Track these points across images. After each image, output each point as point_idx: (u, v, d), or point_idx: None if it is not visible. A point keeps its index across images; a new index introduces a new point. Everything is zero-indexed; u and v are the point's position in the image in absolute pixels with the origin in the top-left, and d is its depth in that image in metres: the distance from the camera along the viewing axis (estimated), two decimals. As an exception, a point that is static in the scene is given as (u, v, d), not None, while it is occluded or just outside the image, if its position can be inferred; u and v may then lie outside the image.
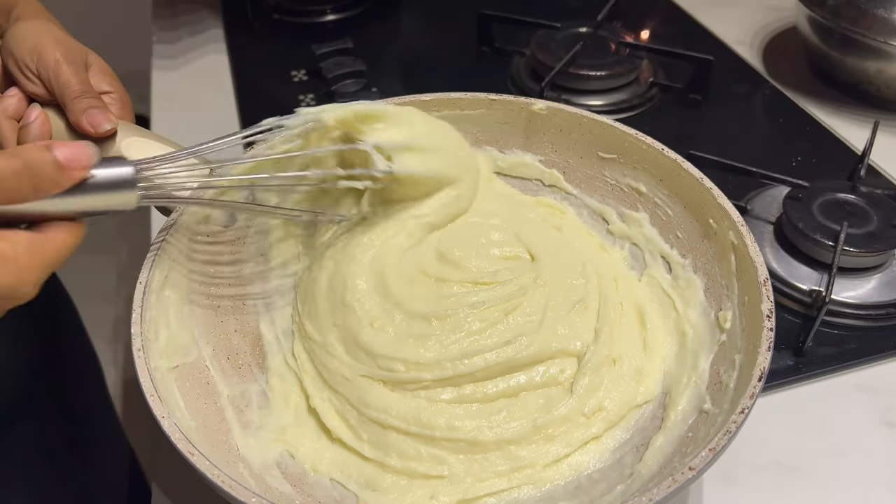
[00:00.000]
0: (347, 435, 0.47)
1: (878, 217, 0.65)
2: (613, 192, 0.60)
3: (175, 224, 0.51)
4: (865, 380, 0.59)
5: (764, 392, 0.57)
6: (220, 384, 0.49)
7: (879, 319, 0.62)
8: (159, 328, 0.48)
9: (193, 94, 0.94)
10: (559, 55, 0.87)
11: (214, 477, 0.39)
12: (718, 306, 0.51)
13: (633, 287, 0.56)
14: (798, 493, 0.52)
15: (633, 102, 0.88)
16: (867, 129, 0.77)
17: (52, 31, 0.53)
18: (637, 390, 0.49)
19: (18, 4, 0.55)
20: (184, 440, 0.40)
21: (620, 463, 0.46)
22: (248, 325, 0.54)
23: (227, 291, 0.55)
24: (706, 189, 0.53)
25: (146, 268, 0.49)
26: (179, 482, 0.54)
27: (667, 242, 0.56)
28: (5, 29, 0.54)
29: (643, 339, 0.52)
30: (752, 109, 0.89)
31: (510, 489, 0.45)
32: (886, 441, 0.55)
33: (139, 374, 0.43)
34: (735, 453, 0.53)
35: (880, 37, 0.81)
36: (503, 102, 0.61)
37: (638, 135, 0.57)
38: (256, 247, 0.58)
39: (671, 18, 1.07)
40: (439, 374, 0.48)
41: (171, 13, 1.09)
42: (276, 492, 0.44)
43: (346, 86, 0.89)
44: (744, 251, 0.49)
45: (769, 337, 0.43)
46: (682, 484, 0.38)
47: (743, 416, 0.40)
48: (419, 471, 0.45)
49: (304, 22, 1.06)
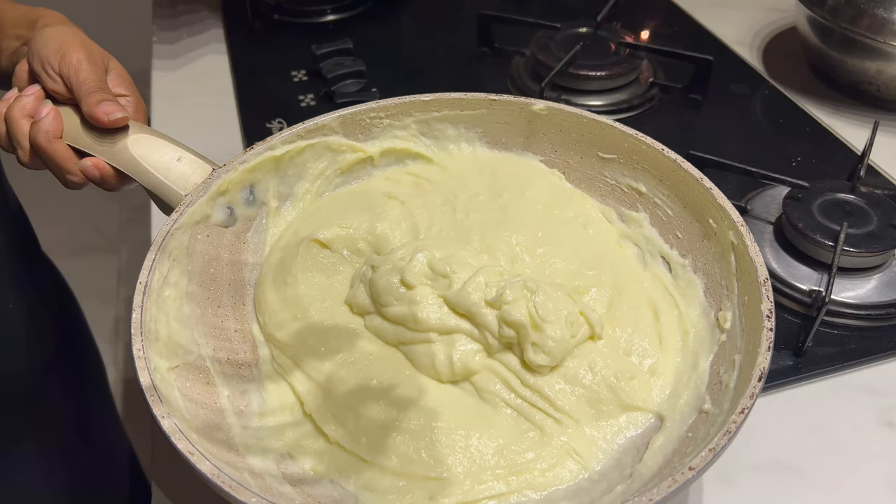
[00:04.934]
0: (345, 438, 0.47)
1: (877, 217, 0.65)
2: (613, 192, 0.60)
3: (175, 224, 0.51)
4: (865, 380, 0.59)
5: (764, 392, 0.57)
6: (220, 384, 0.49)
7: (879, 319, 0.62)
8: (159, 328, 0.48)
9: (193, 94, 0.94)
10: (559, 55, 0.87)
11: (214, 477, 0.39)
12: (718, 306, 0.51)
13: (645, 282, 0.56)
14: (798, 492, 0.52)
15: (633, 102, 0.88)
16: (867, 129, 0.77)
17: (77, 36, 0.56)
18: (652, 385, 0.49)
19: (43, 16, 0.58)
20: (184, 440, 0.40)
21: (620, 463, 0.46)
22: (247, 325, 0.54)
23: (226, 291, 0.55)
24: (706, 189, 0.53)
25: (146, 268, 0.49)
26: (179, 482, 0.54)
27: (667, 242, 0.56)
28: (31, 38, 0.56)
29: (658, 333, 0.52)
30: (752, 109, 0.89)
31: (509, 493, 0.45)
32: (886, 441, 0.55)
33: (139, 374, 0.43)
34: (735, 453, 0.53)
35: (880, 37, 0.81)
36: (503, 102, 0.61)
37: (638, 135, 0.57)
38: (256, 246, 0.58)
39: (671, 18, 1.07)
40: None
41: (171, 13, 1.09)
42: (276, 492, 0.44)
43: (346, 86, 0.90)
44: (743, 251, 0.49)
45: (769, 337, 0.43)
46: (682, 484, 0.38)
47: (743, 416, 0.40)
48: (418, 473, 0.45)
49: (304, 22, 1.06)
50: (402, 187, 0.62)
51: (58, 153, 0.53)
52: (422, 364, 0.50)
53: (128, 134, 0.54)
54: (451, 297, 0.50)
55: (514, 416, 0.48)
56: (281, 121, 0.85)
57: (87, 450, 0.76)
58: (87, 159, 0.53)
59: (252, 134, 0.84)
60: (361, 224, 0.58)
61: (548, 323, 0.48)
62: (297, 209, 0.61)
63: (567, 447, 0.46)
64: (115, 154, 0.53)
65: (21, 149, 0.54)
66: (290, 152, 0.59)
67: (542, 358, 0.48)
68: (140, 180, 0.54)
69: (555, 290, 0.50)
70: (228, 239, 0.56)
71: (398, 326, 0.51)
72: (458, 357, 0.49)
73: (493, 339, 0.49)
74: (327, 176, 0.62)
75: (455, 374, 0.49)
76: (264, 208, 0.59)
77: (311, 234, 0.57)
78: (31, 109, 0.54)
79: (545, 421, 0.48)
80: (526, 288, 0.49)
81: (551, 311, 0.49)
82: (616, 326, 0.52)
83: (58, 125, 0.54)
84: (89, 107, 0.52)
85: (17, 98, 0.54)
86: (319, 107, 0.89)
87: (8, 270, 0.65)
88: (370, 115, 0.62)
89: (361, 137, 0.62)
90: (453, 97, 0.62)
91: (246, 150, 0.57)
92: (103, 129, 0.53)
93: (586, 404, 0.48)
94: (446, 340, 0.50)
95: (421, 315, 0.50)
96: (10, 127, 0.54)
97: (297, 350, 0.52)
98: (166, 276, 0.50)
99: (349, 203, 0.61)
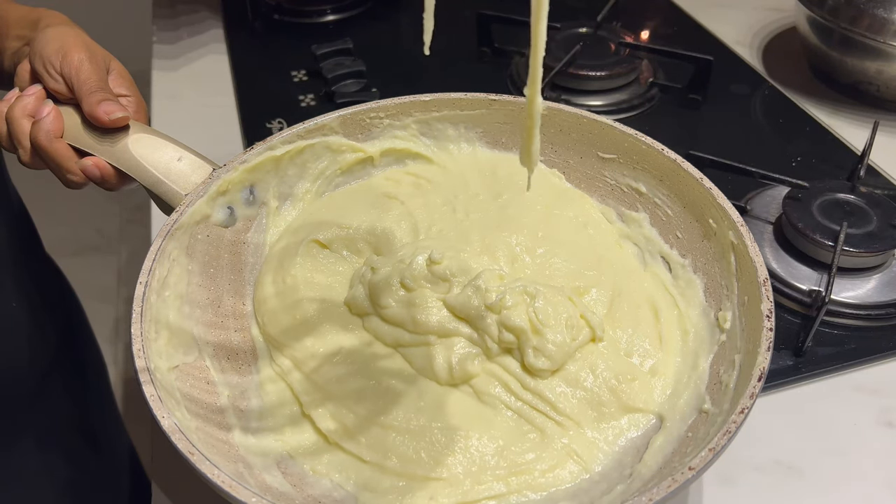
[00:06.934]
0: (345, 439, 0.47)
1: (877, 217, 0.65)
2: (613, 192, 0.60)
3: (175, 224, 0.51)
4: (865, 380, 0.59)
5: (764, 392, 0.57)
6: (220, 384, 0.49)
7: (879, 319, 0.62)
8: (159, 328, 0.48)
9: (193, 94, 0.94)
10: (559, 55, 0.87)
11: (214, 477, 0.39)
12: (718, 306, 0.51)
13: (645, 281, 0.56)
14: (797, 492, 0.52)
15: (632, 102, 0.88)
16: (867, 129, 0.77)
17: (79, 36, 0.56)
18: (653, 386, 0.49)
19: (45, 16, 0.58)
20: (184, 440, 0.40)
21: (621, 463, 0.46)
22: (247, 325, 0.54)
23: (226, 291, 0.55)
24: (706, 189, 0.53)
25: (146, 268, 0.49)
26: (179, 482, 0.54)
27: (666, 242, 0.56)
28: (32, 38, 0.56)
29: (658, 333, 0.52)
30: (751, 109, 0.89)
31: (509, 493, 0.45)
32: (886, 441, 0.55)
33: (139, 374, 0.43)
34: (735, 453, 0.53)
35: (880, 37, 0.81)
36: (503, 102, 0.61)
37: (638, 135, 0.57)
38: (256, 246, 0.58)
39: (671, 18, 1.07)
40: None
41: (171, 13, 1.09)
42: (276, 492, 0.44)
43: (346, 86, 0.90)
44: (743, 251, 0.49)
45: (769, 337, 0.43)
46: (681, 484, 0.38)
47: (743, 416, 0.40)
48: (418, 473, 0.45)
49: (304, 22, 1.06)
50: (402, 187, 0.62)
51: (59, 153, 0.53)
52: (420, 367, 0.50)
53: (128, 134, 0.54)
54: (452, 301, 0.50)
55: (515, 419, 0.48)
56: (281, 121, 0.85)
57: (87, 449, 0.76)
58: (87, 159, 0.53)
59: (252, 134, 0.84)
60: (361, 224, 0.58)
61: (548, 327, 0.48)
62: (297, 209, 0.61)
63: (568, 449, 0.46)
64: (116, 154, 0.54)
65: (22, 148, 0.54)
66: (290, 152, 0.59)
67: (542, 362, 0.48)
68: (140, 180, 0.54)
69: (555, 293, 0.50)
70: (228, 239, 0.56)
71: (397, 328, 0.51)
72: (457, 361, 0.49)
73: (492, 343, 0.49)
74: (327, 176, 0.62)
75: (454, 377, 0.49)
76: (264, 208, 0.59)
77: (310, 235, 0.57)
78: (32, 109, 0.54)
79: (546, 423, 0.47)
80: (526, 293, 0.49)
81: (551, 315, 0.49)
82: (617, 327, 0.52)
83: (59, 125, 0.54)
84: (90, 106, 0.52)
85: (18, 98, 0.55)
86: (319, 107, 0.89)
87: (10, 269, 0.65)
88: (370, 115, 0.62)
89: (361, 137, 0.62)
90: (453, 97, 0.62)
91: (246, 150, 0.57)
92: (104, 128, 0.53)
93: (587, 407, 0.48)
94: (445, 343, 0.50)
95: (420, 318, 0.50)
96: (12, 126, 0.54)
97: (296, 350, 0.52)
98: (166, 276, 0.50)
99: (349, 203, 0.61)
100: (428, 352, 0.50)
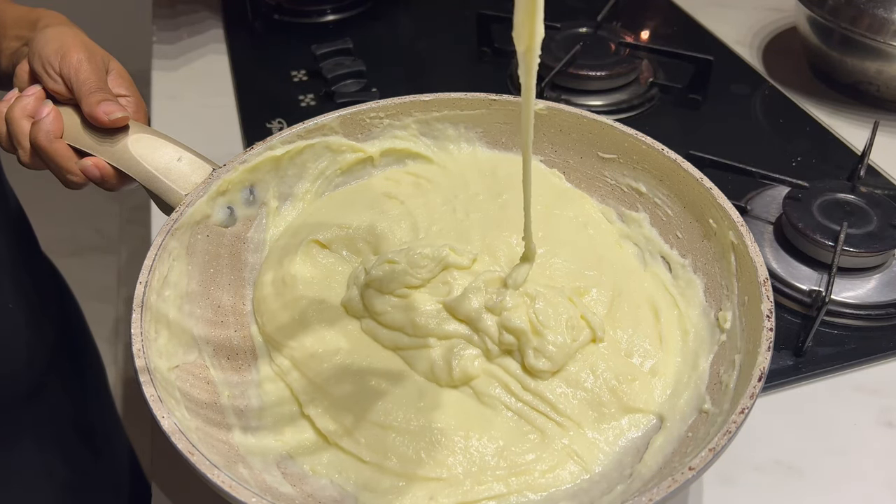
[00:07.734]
0: (344, 439, 0.47)
1: (877, 217, 0.65)
2: (613, 192, 0.60)
3: (175, 224, 0.51)
4: (865, 380, 0.59)
5: (764, 392, 0.57)
6: (220, 384, 0.49)
7: (879, 319, 0.62)
8: (159, 328, 0.48)
9: (193, 94, 0.94)
10: (559, 55, 0.87)
11: (214, 477, 0.39)
12: (718, 306, 0.51)
13: (645, 281, 0.56)
14: (798, 493, 0.52)
15: (632, 102, 0.88)
16: (867, 129, 0.77)
17: (78, 36, 0.56)
18: (653, 386, 0.49)
19: (44, 16, 0.58)
20: (184, 440, 0.40)
21: (621, 463, 0.46)
22: (247, 325, 0.54)
23: (226, 291, 0.55)
24: (706, 189, 0.53)
25: (146, 268, 0.49)
26: (179, 482, 0.54)
27: (667, 242, 0.56)
28: (31, 39, 0.56)
29: (658, 333, 0.52)
30: (751, 109, 0.89)
31: (509, 493, 0.45)
32: (886, 441, 0.55)
33: (139, 374, 0.43)
34: (735, 453, 0.53)
35: (880, 37, 0.81)
36: (503, 102, 0.61)
37: (638, 135, 0.57)
38: (255, 246, 0.58)
39: (671, 18, 1.07)
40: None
41: (171, 13, 1.09)
42: (276, 492, 0.44)
43: (346, 86, 0.90)
44: (743, 251, 0.49)
45: (769, 337, 0.43)
46: (681, 484, 0.38)
47: (743, 416, 0.40)
48: (418, 473, 0.45)
49: (304, 22, 1.06)
50: (402, 187, 0.62)
51: (58, 153, 0.53)
52: (420, 369, 0.50)
53: (128, 134, 0.54)
54: (451, 303, 0.50)
55: (515, 419, 0.48)
56: (281, 121, 0.85)
57: (86, 449, 0.76)
58: (87, 159, 0.53)
59: (252, 134, 0.84)
60: (361, 224, 0.58)
61: (548, 328, 0.48)
62: (297, 209, 0.61)
63: (568, 450, 0.46)
64: (116, 154, 0.54)
65: (22, 149, 0.54)
66: (290, 152, 0.59)
67: (543, 363, 0.48)
68: (140, 180, 0.54)
69: (555, 294, 0.50)
70: (228, 239, 0.56)
71: (395, 332, 0.51)
72: (457, 362, 0.49)
73: (492, 344, 0.49)
74: (327, 176, 0.62)
75: (454, 379, 0.49)
76: (264, 208, 0.59)
77: (310, 235, 0.57)
78: (31, 109, 0.54)
79: (546, 424, 0.47)
80: (526, 294, 0.49)
81: (552, 316, 0.49)
82: (617, 327, 0.52)
83: (58, 125, 0.54)
84: (90, 107, 0.52)
85: (17, 98, 0.55)
86: (319, 107, 0.89)
87: (8, 270, 0.65)
88: (370, 115, 0.62)
89: (361, 137, 0.62)
90: (453, 97, 0.62)
91: (246, 150, 0.57)
92: (104, 128, 0.53)
93: (588, 407, 0.48)
94: (445, 345, 0.50)
95: (419, 321, 0.50)
96: (11, 127, 0.54)
97: (295, 351, 0.52)
98: (166, 276, 0.50)
99: (349, 203, 0.61)
100: (428, 354, 0.50)
